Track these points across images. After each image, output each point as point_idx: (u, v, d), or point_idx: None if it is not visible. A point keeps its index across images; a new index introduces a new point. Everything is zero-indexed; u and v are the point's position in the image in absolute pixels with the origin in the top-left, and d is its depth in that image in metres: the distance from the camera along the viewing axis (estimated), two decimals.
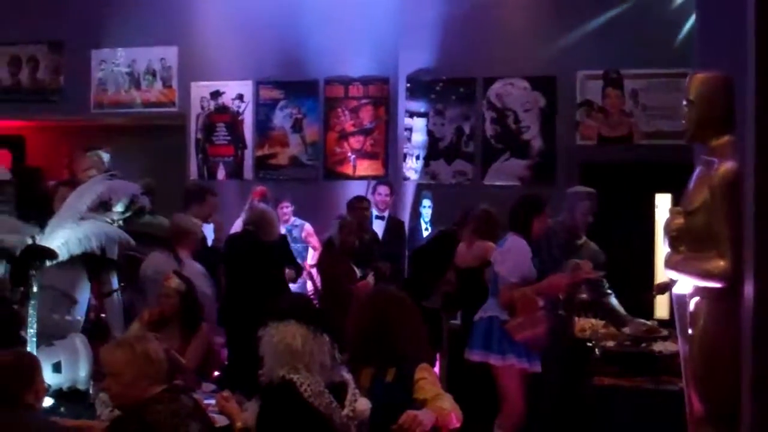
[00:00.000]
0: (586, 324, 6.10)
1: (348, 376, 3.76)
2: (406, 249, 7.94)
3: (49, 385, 4.01)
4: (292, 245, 7.50)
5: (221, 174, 9.20)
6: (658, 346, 5.47)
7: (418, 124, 8.57)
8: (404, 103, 8.61)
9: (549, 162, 8.24)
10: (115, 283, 5.55)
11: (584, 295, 6.11)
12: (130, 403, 3.40)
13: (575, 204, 6.15)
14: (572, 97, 8.22)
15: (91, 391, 4.38)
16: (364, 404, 3.74)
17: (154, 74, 9.49)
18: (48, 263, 4.10)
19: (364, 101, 8.76)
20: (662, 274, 6.61)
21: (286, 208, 7.91)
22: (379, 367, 3.88)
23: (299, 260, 7.45)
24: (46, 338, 4.43)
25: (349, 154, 8.78)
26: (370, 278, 6.88)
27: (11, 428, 3.14)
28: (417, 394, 3.74)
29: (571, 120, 8.23)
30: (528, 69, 8.31)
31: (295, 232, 7.83)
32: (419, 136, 8.57)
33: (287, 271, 6.91)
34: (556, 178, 8.13)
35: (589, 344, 5.78)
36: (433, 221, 8.02)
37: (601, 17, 8.11)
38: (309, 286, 7.63)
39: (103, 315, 5.60)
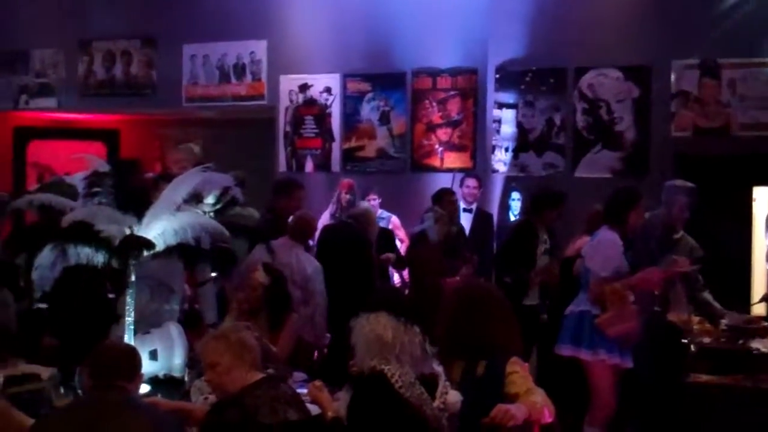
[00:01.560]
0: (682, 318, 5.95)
1: (439, 369, 3.75)
2: (494, 242, 7.88)
3: None
4: None
5: (309, 166, 9.27)
6: (757, 344, 5.30)
7: (508, 116, 8.48)
8: (493, 95, 8.52)
9: (642, 154, 8.05)
10: (208, 273, 5.66)
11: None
12: (230, 387, 3.48)
13: (673, 198, 5.99)
14: (667, 87, 8.00)
15: (186, 379, 4.46)
16: (455, 397, 3.73)
17: (243, 68, 9.61)
18: (145, 253, 4.18)
19: (452, 93, 8.71)
20: (760, 267, 6.45)
21: (373, 200, 7.94)
22: (470, 361, 3.86)
23: None
24: (144, 327, 4.53)
25: (437, 146, 8.75)
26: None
27: (119, 409, 3.22)
28: (508, 388, 3.70)
29: (666, 111, 8.01)
30: (621, 58, 8.12)
31: (381, 225, 7.84)
32: (508, 128, 8.47)
33: (389, 254, 7.01)
34: (650, 171, 7.93)
35: (684, 340, 5.64)
36: (522, 214, 7.93)
37: (697, 5, 7.88)
38: (396, 277, 7.64)
39: (196, 305, 5.71)
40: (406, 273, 7.47)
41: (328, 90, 9.18)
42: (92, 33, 10.26)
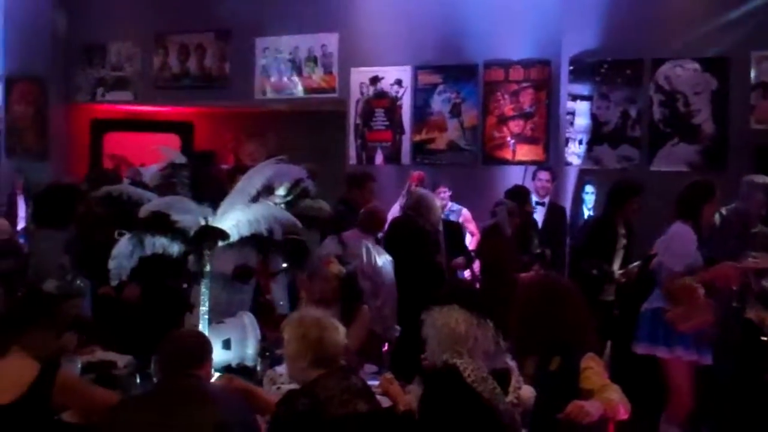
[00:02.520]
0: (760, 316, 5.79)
1: (512, 363, 3.72)
2: (567, 236, 7.76)
3: None
4: None
5: (379, 159, 9.28)
6: None
7: (582, 108, 8.34)
8: (567, 86, 8.39)
9: (720, 147, 7.85)
10: (280, 264, 5.69)
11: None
12: (295, 375, 3.53)
13: (751, 194, 5.86)
14: (746, 79, 7.79)
15: (258, 368, 4.49)
16: (528, 392, 3.69)
17: (315, 61, 9.66)
18: (220, 243, 4.21)
19: (524, 84, 8.62)
20: None
21: (444, 193, 7.90)
22: (543, 356, 3.80)
23: None
24: (217, 316, 4.58)
25: (509, 138, 8.67)
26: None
27: (188, 397, 3.27)
28: (583, 384, 3.63)
29: (745, 103, 7.80)
30: (699, 50, 7.93)
31: (452, 218, 7.80)
32: (582, 120, 8.33)
33: (459, 259, 6.96)
34: (728, 164, 7.73)
35: (764, 338, 5.48)
36: (596, 208, 7.80)
37: None
38: (466, 272, 7.58)
39: (268, 295, 5.75)
40: (476, 266, 7.41)
41: (398, 82, 9.17)
42: (167, 27, 10.43)
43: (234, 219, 4.23)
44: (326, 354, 3.50)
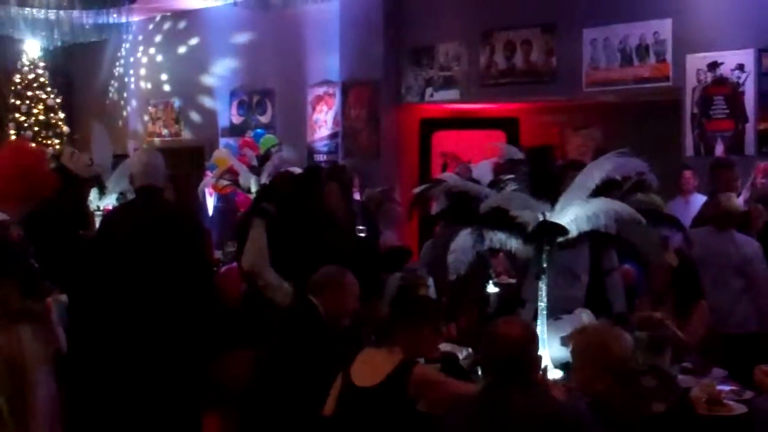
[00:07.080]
0: None
1: None
2: None
3: None
4: None
5: (719, 150, 8.70)
6: None
7: None
8: None
9: None
10: (615, 260, 5.50)
11: None
12: (582, 387, 3.43)
13: None
14: None
15: None
16: None
17: (646, 49, 9.27)
18: (559, 239, 4.15)
19: None
20: None
21: None
22: None
23: None
24: (551, 312, 4.51)
25: None
26: None
27: (515, 399, 3.23)
28: None
29: None
30: None
31: None
32: None
33: None
34: None
35: None
36: None
37: None
38: None
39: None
40: None
41: (740, 67, 8.54)
42: (494, 24, 10.51)
43: (573, 214, 4.16)
44: (612, 363, 3.35)
